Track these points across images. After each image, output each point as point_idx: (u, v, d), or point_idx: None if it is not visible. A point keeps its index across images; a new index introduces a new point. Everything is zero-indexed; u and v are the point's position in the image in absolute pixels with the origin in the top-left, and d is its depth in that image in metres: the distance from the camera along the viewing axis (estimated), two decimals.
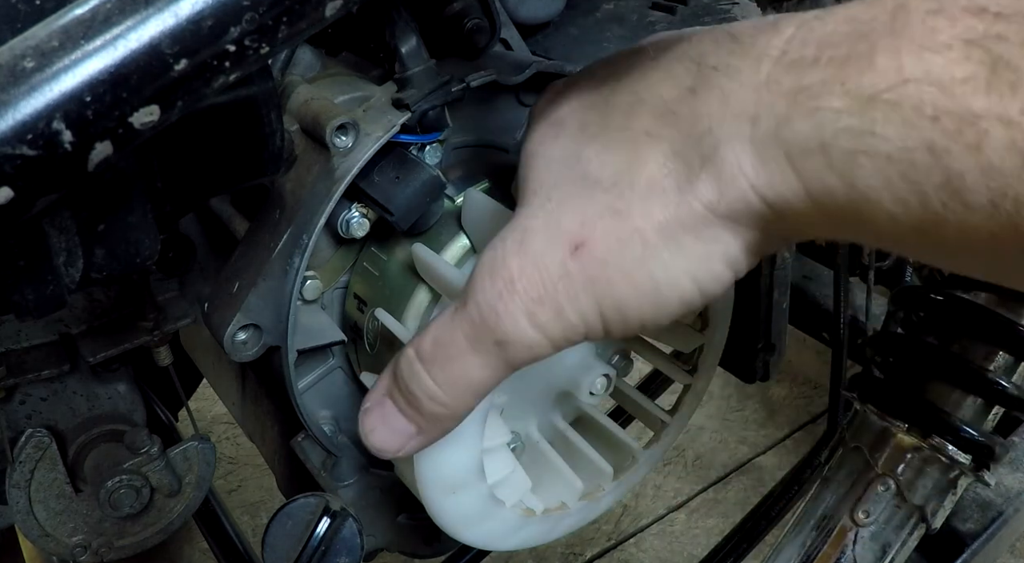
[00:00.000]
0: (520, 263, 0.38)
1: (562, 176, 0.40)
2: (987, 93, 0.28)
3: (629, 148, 0.38)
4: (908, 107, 0.30)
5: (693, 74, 0.37)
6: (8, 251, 0.36)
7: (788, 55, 0.34)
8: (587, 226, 0.37)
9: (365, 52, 0.62)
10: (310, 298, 0.55)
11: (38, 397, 0.69)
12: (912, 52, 0.30)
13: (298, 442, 0.61)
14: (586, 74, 0.44)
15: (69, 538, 0.68)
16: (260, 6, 0.31)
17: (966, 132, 0.28)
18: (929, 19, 0.30)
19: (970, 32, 0.29)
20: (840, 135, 0.31)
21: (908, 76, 0.30)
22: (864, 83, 0.31)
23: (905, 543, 0.77)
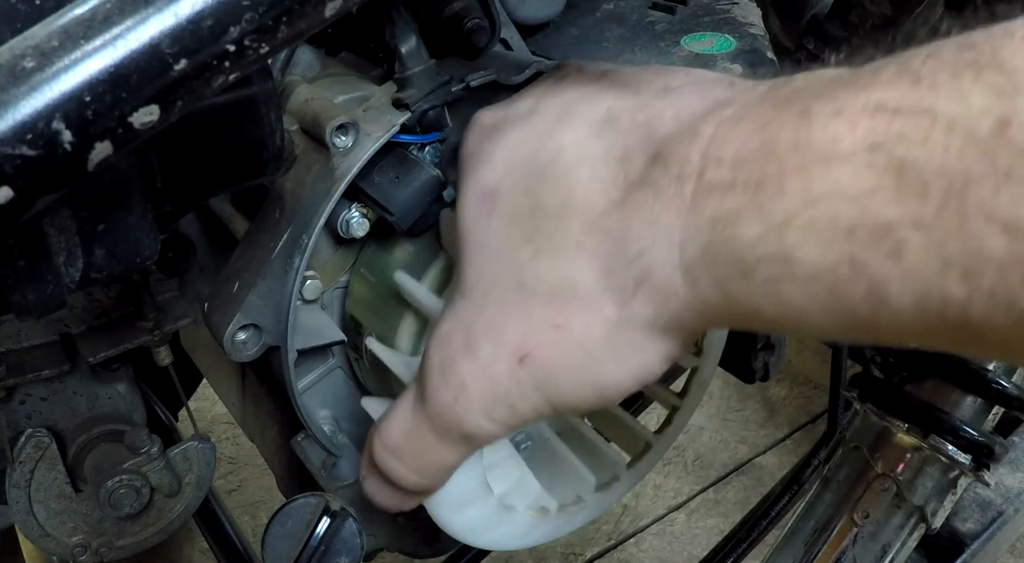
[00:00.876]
0: (470, 369, 0.40)
1: (498, 275, 0.40)
2: (898, 200, 0.28)
3: (563, 259, 0.38)
4: (822, 227, 0.30)
5: (620, 185, 0.37)
6: (8, 251, 0.36)
7: (706, 176, 0.34)
8: (530, 339, 0.39)
9: (365, 52, 0.62)
10: (310, 298, 0.55)
11: (38, 397, 0.69)
12: (818, 168, 0.30)
13: (298, 442, 0.61)
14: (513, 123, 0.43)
15: (69, 538, 0.68)
16: (260, 6, 0.31)
17: (883, 242, 0.28)
18: (830, 125, 0.30)
19: (871, 135, 0.29)
20: (761, 263, 0.32)
21: (817, 195, 0.30)
22: (777, 209, 0.31)
23: (905, 543, 0.77)
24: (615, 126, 0.39)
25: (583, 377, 0.39)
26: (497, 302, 0.40)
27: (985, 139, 0.26)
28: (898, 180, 0.28)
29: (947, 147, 0.27)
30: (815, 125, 0.31)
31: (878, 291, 0.29)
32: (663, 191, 0.35)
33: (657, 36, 0.68)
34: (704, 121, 0.35)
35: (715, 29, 0.67)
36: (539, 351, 0.39)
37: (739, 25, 0.68)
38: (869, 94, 0.30)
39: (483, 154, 0.43)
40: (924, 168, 0.27)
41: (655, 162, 0.36)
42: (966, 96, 0.27)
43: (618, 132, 0.39)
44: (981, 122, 0.26)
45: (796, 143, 0.31)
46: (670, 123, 0.37)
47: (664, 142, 0.36)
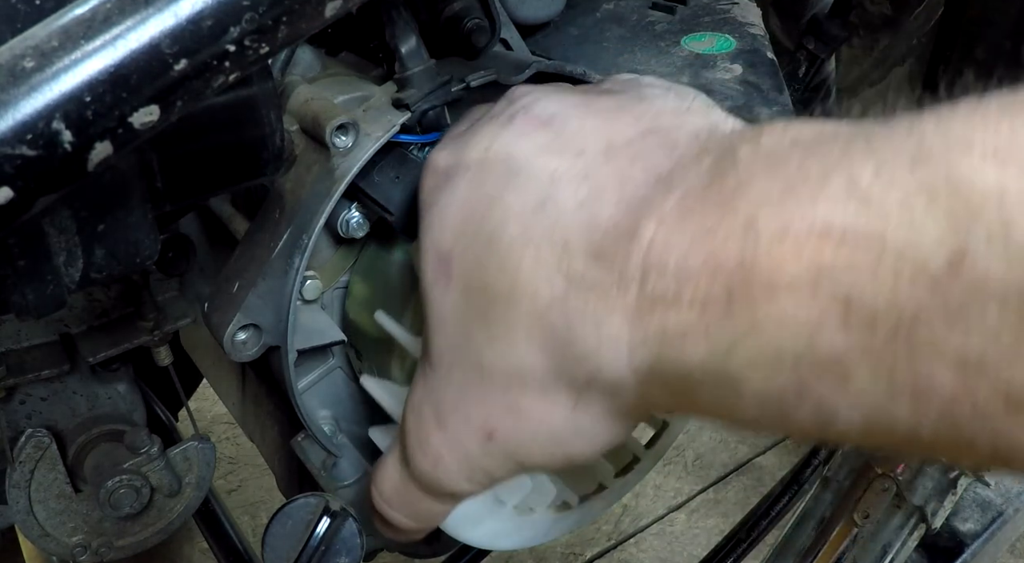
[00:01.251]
0: (444, 441, 0.42)
1: (459, 355, 0.41)
2: (844, 331, 0.27)
3: (514, 348, 0.38)
4: (768, 355, 0.29)
5: (562, 275, 0.36)
6: (8, 251, 0.36)
7: (649, 285, 0.33)
8: (492, 420, 0.40)
9: (365, 52, 0.62)
10: (310, 298, 0.55)
11: (38, 397, 0.69)
12: (762, 294, 0.29)
13: (298, 442, 0.61)
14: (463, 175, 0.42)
15: (69, 538, 0.68)
16: (260, 6, 0.31)
17: (830, 371, 0.28)
18: (775, 249, 0.29)
19: (817, 263, 0.27)
20: (707, 384, 0.32)
21: (763, 321, 0.29)
22: (723, 333, 0.30)
23: (905, 543, 0.77)
24: (555, 202, 0.37)
25: (549, 449, 0.40)
26: (460, 381, 0.41)
27: (937, 274, 0.25)
28: (844, 312, 0.27)
29: (896, 281, 0.26)
30: (760, 245, 0.29)
31: (825, 413, 0.29)
32: (606, 293, 0.34)
33: (657, 36, 0.68)
34: (645, 216, 0.34)
35: (715, 29, 0.67)
36: (503, 431, 0.40)
37: (739, 25, 0.68)
38: (816, 211, 0.28)
39: (436, 209, 0.43)
40: (872, 301, 0.26)
41: (597, 259, 0.35)
42: (918, 226, 0.25)
43: (559, 210, 0.37)
44: (934, 256, 0.25)
45: (741, 263, 0.30)
46: (609, 210, 0.35)
47: (604, 237, 0.35)
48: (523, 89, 0.45)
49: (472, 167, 0.42)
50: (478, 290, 0.39)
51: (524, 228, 0.38)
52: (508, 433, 0.40)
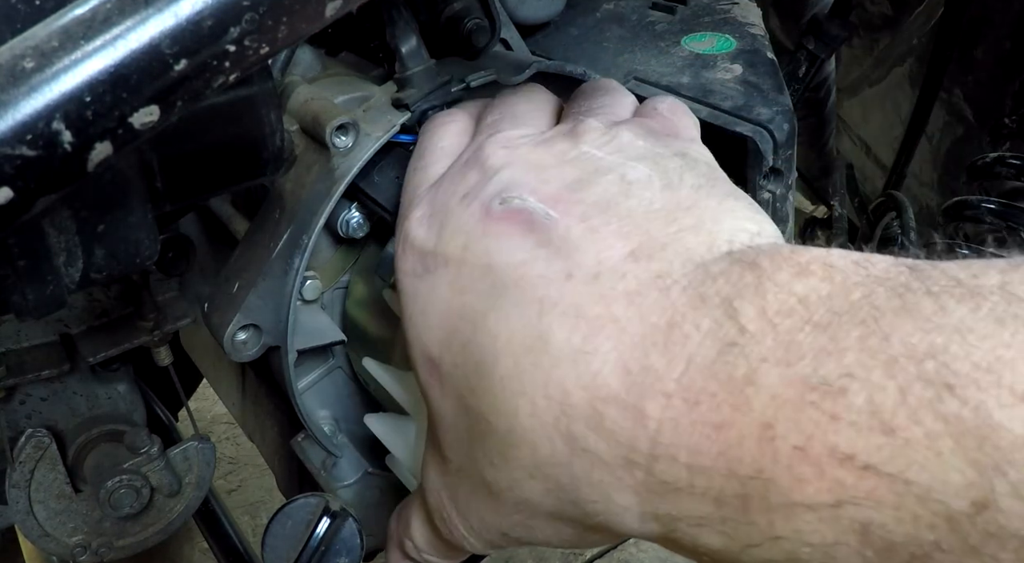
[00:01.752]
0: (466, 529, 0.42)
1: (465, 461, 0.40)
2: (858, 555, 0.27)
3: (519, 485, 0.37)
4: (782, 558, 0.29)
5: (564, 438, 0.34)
6: (8, 251, 0.36)
7: (658, 471, 0.31)
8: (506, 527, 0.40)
9: (365, 52, 0.62)
10: (310, 298, 0.55)
11: (38, 397, 0.69)
12: (781, 507, 0.28)
13: (298, 442, 0.61)
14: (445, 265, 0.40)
15: (69, 538, 0.68)
16: (260, 6, 0.30)
17: None
18: (795, 464, 0.27)
19: (838, 489, 0.27)
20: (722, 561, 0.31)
21: (780, 534, 0.28)
22: (740, 531, 0.30)
23: None
24: (549, 346, 0.34)
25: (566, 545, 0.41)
26: (470, 489, 0.41)
27: (958, 518, 0.25)
28: (862, 539, 0.27)
29: (918, 518, 0.25)
30: (779, 460, 0.28)
31: None
32: (611, 469, 0.33)
33: (657, 36, 0.68)
34: (649, 394, 0.31)
35: (715, 29, 0.67)
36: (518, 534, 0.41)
37: (739, 25, 0.68)
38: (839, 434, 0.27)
39: (418, 304, 0.41)
40: (891, 533, 0.26)
41: (599, 430, 0.33)
42: (944, 470, 0.25)
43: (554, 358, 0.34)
44: (957, 500, 0.25)
45: (759, 472, 0.28)
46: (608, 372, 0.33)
47: (607, 409, 0.32)
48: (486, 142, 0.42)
49: (451, 265, 0.39)
50: (474, 415, 0.37)
51: (516, 368, 0.35)
52: (523, 537, 0.41)
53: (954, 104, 1.12)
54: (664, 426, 0.31)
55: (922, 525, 0.25)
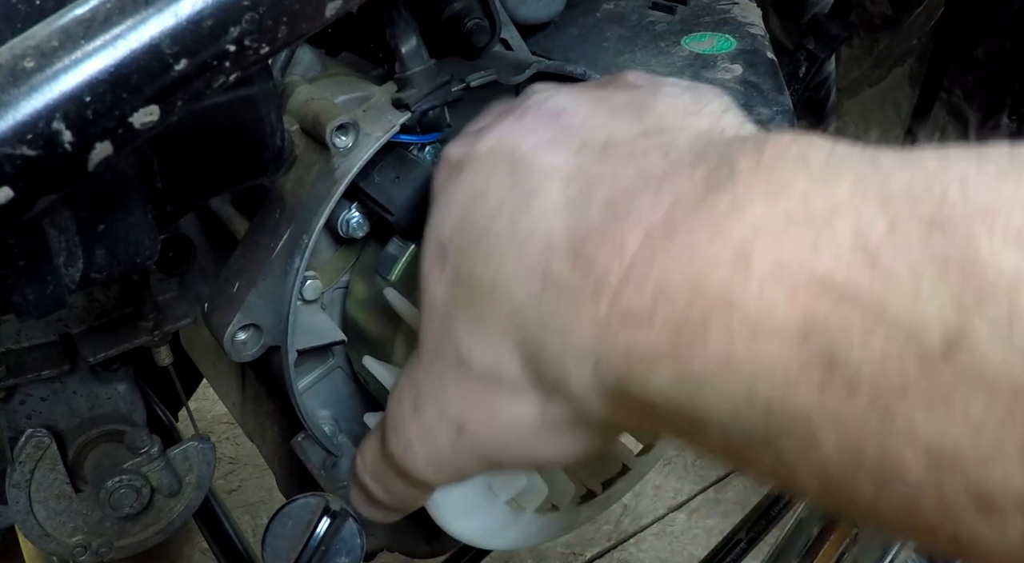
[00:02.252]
0: (416, 430, 0.42)
1: (441, 344, 0.41)
2: (821, 394, 0.26)
3: (490, 343, 0.38)
4: (738, 399, 0.28)
5: (541, 275, 0.35)
6: (8, 251, 0.36)
7: (624, 299, 0.31)
8: (465, 413, 0.40)
9: (365, 52, 0.62)
10: (310, 298, 0.55)
11: (38, 397, 0.69)
12: (744, 334, 0.27)
13: (298, 442, 0.61)
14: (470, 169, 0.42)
15: (69, 538, 0.68)
16: (260, 6, 0.31)
17: (797, 431, 0.27)
18: (767, 289, 0.27)
19: (809, 315, 0.26)
20: (672, 415, 0.31)
21: (739, 363, 0.27)
22: (694, 364, 0.29)
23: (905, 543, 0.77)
24: (545, 199, 0.37)
25: (516, 451, 0.40)
26: (440, 371, 0.41)
27: (930, 354, 0.24)
28: (826, 374, 0.25)
29: (887, 353, 0.24)
30: (750, 281, 0.27)
31: (786, 469, 0.28)
32: (579, 300, 0.33)
33: (657, 36, 0.68)
34: (631, 224, 0.32)
35: (715, 29, 0.67)
36: (473, 426, 0.40)
37: (739, 25, 0.68)
38: (819, 259, 0.26)
39: (443, 198, 0.43)
40: (857, 369, 0.25)
41: (575, 262, 0.34)
42: (923, 300, 0.24)
43: (547, 208, 0.36)
44: (931, 334, 0.24)
45: (726, 295, 0.28)
46: (596, 211, 0.34)
47: (586, 241, 0.34)
48: (542, 85, 0.45)
49: (480, 159, 0.42)
50: (465, 281, 0.39)
51: (512, 223, 0.37)
52: (478, 429, 0.40)
53: (954, 104, 1.12)
54: (640, 255, 0.31)
55: (890, 360, 0.24)
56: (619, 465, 0.64)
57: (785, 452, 0.27)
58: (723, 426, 0.29)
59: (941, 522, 0.25)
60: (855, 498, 0.26)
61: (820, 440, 0.26)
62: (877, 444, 0.25)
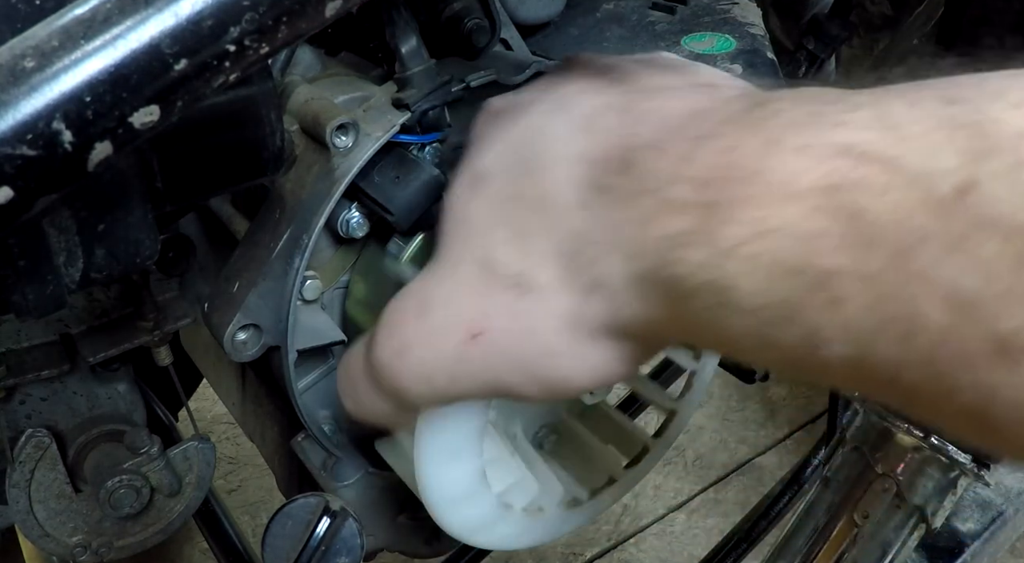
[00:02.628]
0: (418, 331, 0.41)
1: (469, 251, 0.41)
2: (844, 249, 0.27)
3: (530, 250, 0.39)
4: (765, 262, 0.29)
5: (588, 186, 0.37)
6: (8, 251, 0.36)
7: (663, 192, 0.34)
8: (487, 318, 0.39)
9: (365, 52, 0.62)
10: (310, 298, 0.55)
11: (38, 397, 0.69)
12: (772, 200, 0.29)
13: (298, 442, 0.61)
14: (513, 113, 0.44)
15: (69, 538, 0.68)
16: (260, 6, 0.31)
17: (822, 290, 0.28)
18: (793, 160, 0.29)
19: (831, 176, 0.28)
20: (703, 288, 0.32)
21: (766, 228, 0.29)
22: (725, 235, 0.30)
23: (905, 543, 0.77)
24: (597, 126, 0.39)
25: (531, 368, 0.39)
26: (462, 276, 0.40)
27: (943, 201, 0.25)
28: (848, 228, 0.27)
29: (904, 203, 0.26)
30: (779, 156, 0.30)
31: (812, 337, 0.29)
32: (625, 202, 0.35)
33: (657, 36, 0.68)
34: (676, 136, 0.35)
35: (715, 29, 0.67)
36: (493, 333, 0.39)
37: (739, 25, 0.68)
38: (840, 133, 0.29)
39: (482, 139, 0.44)
40: (876, 219, 0.27)
41: (624, 171, 0.36)
42: (936, 153, 0.26)
43: (598, 133, 0.39)
44: (944, 182, 0.25)
45: (757, 172, 0.30)
46: (646, 132, 0.37)
47: (636, 152, 0.36)
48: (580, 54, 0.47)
49: (525, 104, 0.44)
50: (506, 200, 0.40)
51: (562, 147, 0.39)
52: (496, 335, 0.39)
53: None
54: (684, 157, 0.34)
55: (907, 211, 0.26)
56: (605, 477, 0.64)
57: (812, 320, 0.28)
58: (751, 299, 0.30)
59: (961, 379, 0.25)
60: (879, 367, 0.27)
61: (845, 298, 0.27)
62: (899, 295, 0.26)
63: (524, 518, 0.57)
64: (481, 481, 0.53)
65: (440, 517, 0.53)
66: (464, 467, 0.52)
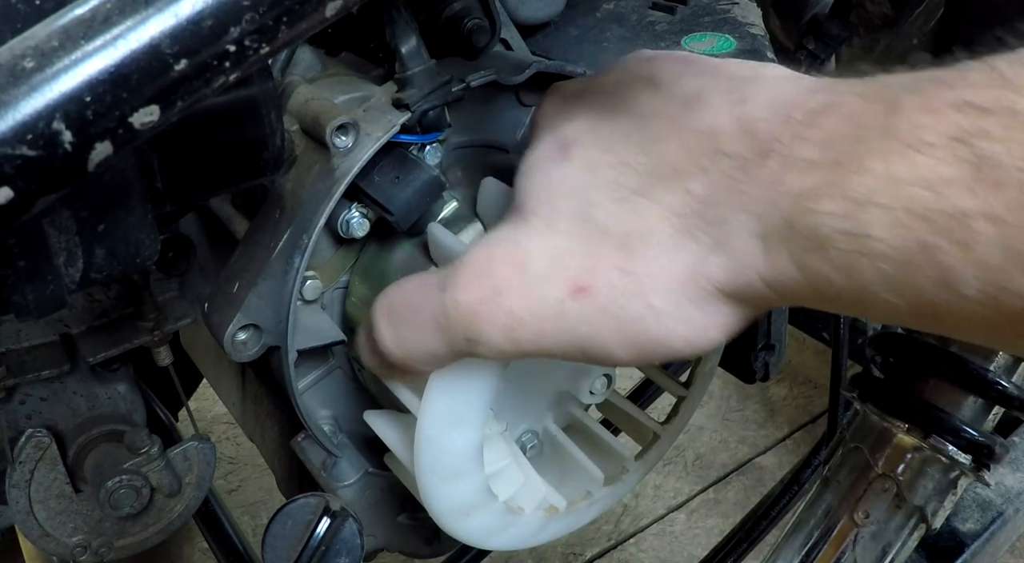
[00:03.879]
0: (511, 279, 0.40)
1: (567, 208, 0.40)
2: (973, 191, 0.29)
3: (643, 211, 0.39)
4: (899, 208, 0.31)
5: (707, 154, 0.38)
6: (8, 251, 0.36)
7: (792, 153, 0.35)
8: (593, 274, 0.39)
9: (365, 52, 0.62)
10: (310, 298, 0.55)
11: (38, 397, 0.69)
12: (901, 153, 0.31)
13: (298, 442, 0.61)
14: (597, 94, 0.45)
15: (69, 538, 0.68)
16: (260, 6, 0.30)
17: (955, 230, 0.30)
18: (917, 116, 0.31)
19: (956, 129, 0.30)
20: (837, 237, 0.33)
21: (898, 177, 0.31)
22: (857, 185, 0.32)
23: (905, 543, 0.77)
24: (706, 103, 0.39)
25: (631, 328, 0.38)
26: (563, 231, 0.40)
27: None
28: (976, 172, 0.29)
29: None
30: (903, 115, 0.32)
31: (945, 277, 0.30)
32: (750, 165, 0.36)
33: (657, 36, 0.68)
34: (795, 107, 0.36)
35: (715, 29, 0.67)
36: (599, 289, 0.38)
37: (739, 25, 0.68)
38: (957, 92, 0.31)
39: (564, 114, 0.44)
40: (1003, 163, 0.29)
41: (745, 139, 0.37)
42: None
43: (710, 108, 0.39)
44: None
45: (883, 129, 0.32)
46: (763, 106, 0.38)
47: (756, 122, 0.37)
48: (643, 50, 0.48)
49: (608, 86, 0.44)
50: (607, 167, 0.41)
51: (671, 121, 0.40)
52: (601, 292, 0.38)
53: None
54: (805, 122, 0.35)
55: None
56: (620, 467, 0.64)
57: (945, 259, 0.30)
58: (885, 240, 0.31)
59: None
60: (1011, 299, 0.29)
61: (976, 238, 0.29)
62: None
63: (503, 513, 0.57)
64: (486, 493, 0.54)
65: (451, 530, 0.54)
66: (468, 483, 0.52)
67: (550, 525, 0.60)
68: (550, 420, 0.65)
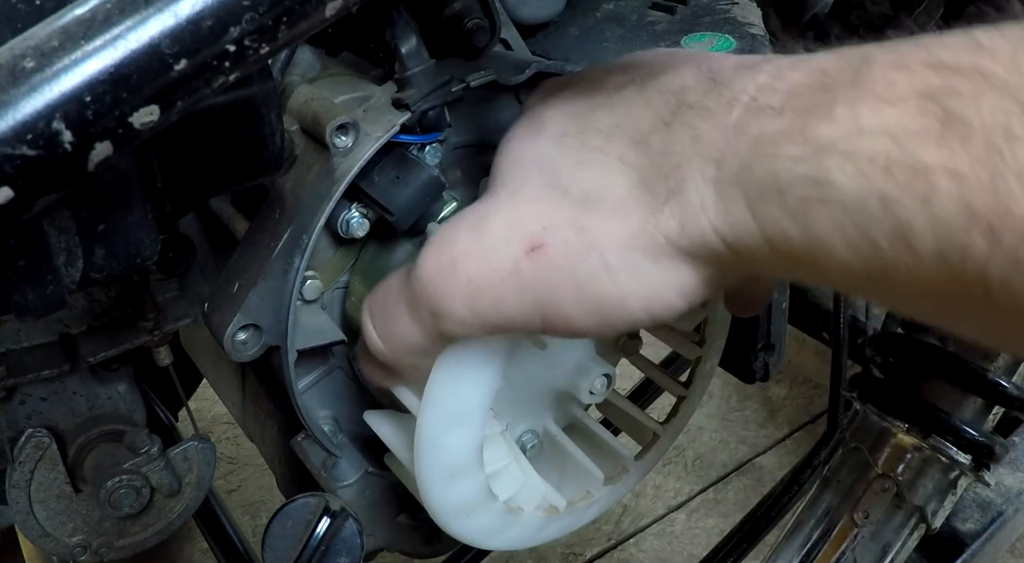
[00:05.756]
0: (471, 245, 0.40)
1: (532, 176, 0.41)
2: (938, 146, 0.29)
3: (602, 169, 0.39)
4: (862, 157, 0.31)
5: (671, 108, 0.38)
6: (8, 251, 0.36)
7: (757, 102, 0.35)
8: (549, 232, 0.38)
9: (365, 52, 0.62)
10: (310, 298, 0.55)
11: (38, 397, 0.69)
12: (869, 104, 0.31)
13: (298, 442, 0.61)
14: (577, 81, 0.46)
15: (69, 538, 0.68)
16: (260, 6, 0.31)
17: (916, 184, 0.29)
18: (889, 72, 0.31)
19: (927, 86, 0.30)
20: (796, 182, 0.32)
21: (864, 127, 0.31)
22: (822, 132, 0.32)
23: (905, 543, 0.77)
24: (677, 70, 0.40)
25: (586, 286, 0.38)
26: (525, 197, 0.40)
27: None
28: (943, 128, 0.29)
29: (994, 106, 0.28)
30: (875, 69, 0.32)
31: (903, 231, 0.30)
32: (712, 113, 0.36)
33: (657, 36, 0.68)
34: (764, 63, 0.36)
35: (715, 29, 0.67)
36: (553, 246, 0.38)
37: (739, 25, 0.68)
38: (932, 53, 0.31)
39: (543, 101, 0.45)
40: (969, 120, 0.28)
41: (710, 91, 0.37)
42: (1019, 64, 0.28)
43: (677, 73, 0.40)
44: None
45: (853, 82, 0.32)
46: (732, 66, 0.38)
47: (722, 75, 0.37)
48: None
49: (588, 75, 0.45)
50: (574, 135, 0.41)
51: (639, 87, 0.40)
52: (556, 249, 0.38)
53: None
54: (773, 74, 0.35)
55: (998, 112, 0.28)
56: (620, 466, 0.64)
57: (903, 212, 0.30)
58: (845, 188, 0.31)
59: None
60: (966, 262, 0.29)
61: (937, 193, 0.29)
62: (990, 189, 0.28)
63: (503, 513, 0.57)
64: (486, 492, 0.54)
65: (452, 530, 0.54)
66: (468, 482, 0.52)
67: (550, 525, 0.60)
68: (550, 420, 0.65)
